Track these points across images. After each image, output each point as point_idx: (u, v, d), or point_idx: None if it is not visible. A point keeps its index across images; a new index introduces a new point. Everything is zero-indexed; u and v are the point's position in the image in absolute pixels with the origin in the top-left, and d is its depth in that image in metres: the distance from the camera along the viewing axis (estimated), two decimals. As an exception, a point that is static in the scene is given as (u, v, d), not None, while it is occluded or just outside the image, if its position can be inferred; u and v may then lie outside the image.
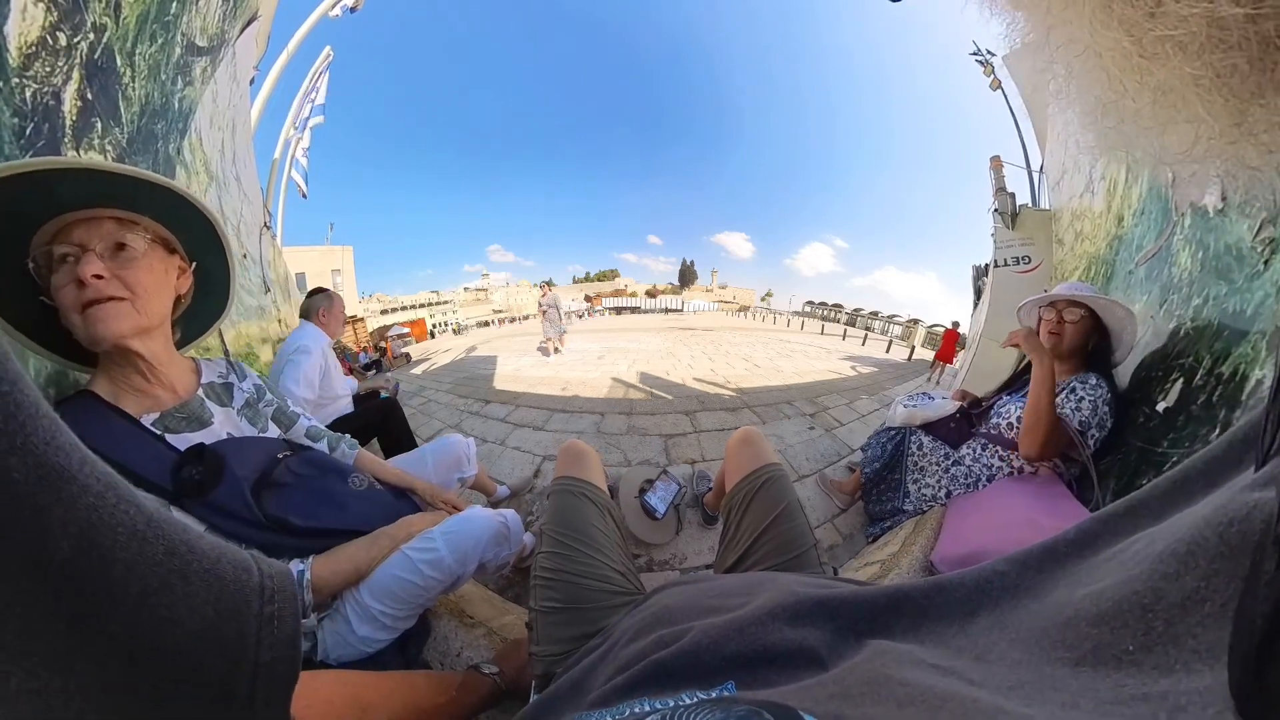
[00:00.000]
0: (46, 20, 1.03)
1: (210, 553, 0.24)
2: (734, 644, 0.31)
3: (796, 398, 3.62)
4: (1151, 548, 0.22)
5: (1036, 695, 0.20)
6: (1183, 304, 1.22)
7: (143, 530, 0.20)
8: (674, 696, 0.28)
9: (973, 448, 1.43)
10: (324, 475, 0.90)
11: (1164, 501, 0.25)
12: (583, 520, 0.75)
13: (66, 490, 0.18)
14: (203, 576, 0.22)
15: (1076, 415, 1.16)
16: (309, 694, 0.56)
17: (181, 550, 0.22)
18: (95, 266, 0.62)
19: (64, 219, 0.63)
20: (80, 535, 0.18)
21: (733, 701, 0.24)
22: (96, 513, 0.19)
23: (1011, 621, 0.26)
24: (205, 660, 0.22)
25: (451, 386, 4.47)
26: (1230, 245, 1.03)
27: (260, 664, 0.24)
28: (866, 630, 0.30)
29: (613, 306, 29.76)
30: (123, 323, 0.66)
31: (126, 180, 0.67)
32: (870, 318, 12.80)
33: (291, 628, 0.25)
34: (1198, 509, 0.22)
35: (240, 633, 0.23)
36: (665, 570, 1.49)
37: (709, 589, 0.44)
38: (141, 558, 0.20)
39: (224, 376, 0.89)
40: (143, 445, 0.68)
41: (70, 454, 0.18)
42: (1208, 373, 1.01)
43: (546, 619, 0.64)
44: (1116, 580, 0.22)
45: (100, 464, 0.20)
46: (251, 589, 0.25)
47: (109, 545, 0.19)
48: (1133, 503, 0.27)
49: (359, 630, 0.78)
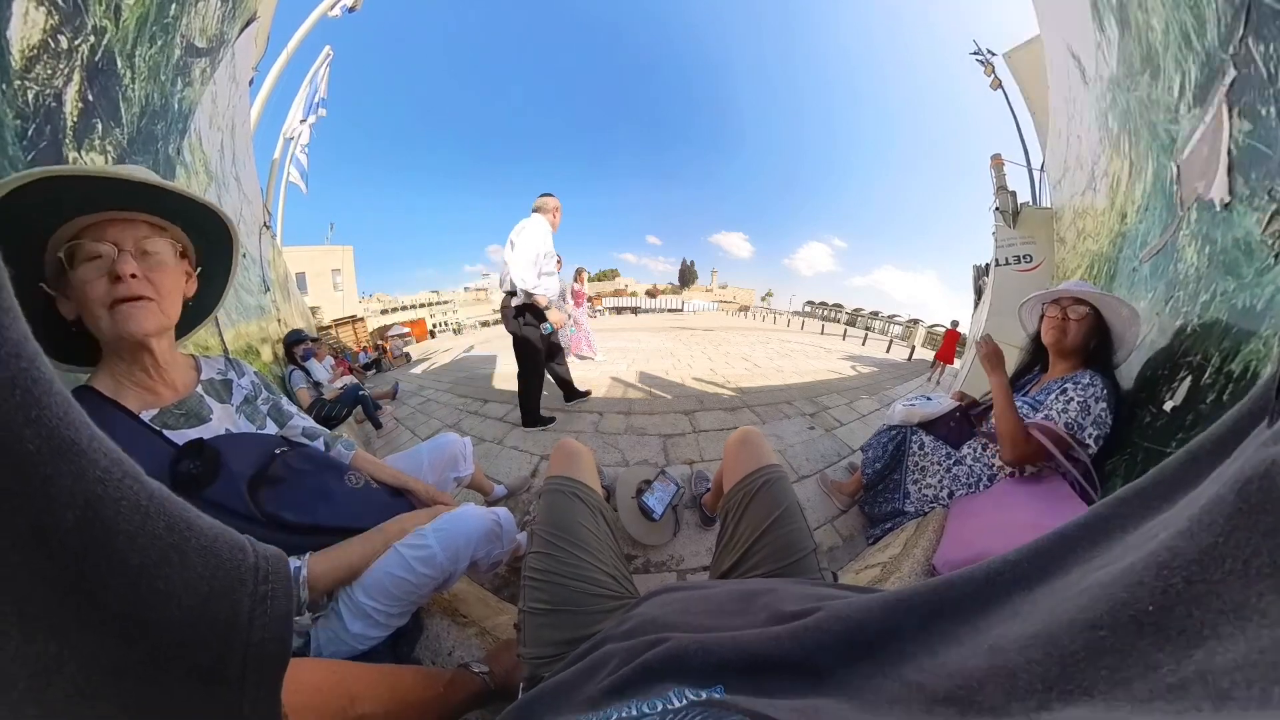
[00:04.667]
0: (48, 23, 1.04)
1: (208, 531, 0.24)
2: (726, 649, 0.30)
3: (796, 398, 3.59)
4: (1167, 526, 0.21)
5: (1059, 703, 0.19)
6: (1189, 301, 1.20)
7: (145, 505, 0.21)
8: (662, 698, 0.27)
9: (974, 447, 1.42)
10: (320, 472, 0.90)
11: (1174, 481, 0.24)
12: (573, 521, 0.74)
13: (75, 463, 0.18)
14: (200, 553, 0.23)
15: (1064, 416, 1.16)
16: (296, 680, 0.56)
17: (181, 526, 0.22)
18: (132, 266, 0.66)
19: (100, 216, 0.66)
20: (86, 506, 0.19)
21: (723, 707, 0.23)
22: (103, 485, 0.19)
23: (1024, 610, 0.24)
24: (198, 636, 0.22)
25: (451, 386, 4.46)
26: (1239, 239, 1.01)
27: (252, 643, 0.24)
28: (874, 638, 0.28)
29: (613, 306, 29.77)
30: (150, 322, 0.69)
31: (170, 192, 0.71)
32: (870, 318, 12.78)
33: (284, 608, 0.26)
34: (1207, 485, 0.21)
35: (234, 610, 0.24)
36: (662, 571, 1.47)
37: (701, 598, 0.42)
38: (143, 531, 0.21)
39: (223, 373, 0.90)
40: (141, 440, 0.69)
41: (80, 430, 0.19)
42: (1217, 371, 0.99)
43: (534, 620, 0.62)
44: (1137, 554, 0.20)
45: (108, 441, 0.20)
46: (246, 568, 0.25)
47: (112, 517, 0.19)
48: (1142, 485, 0.25)
49: (352, 627, 0.78)
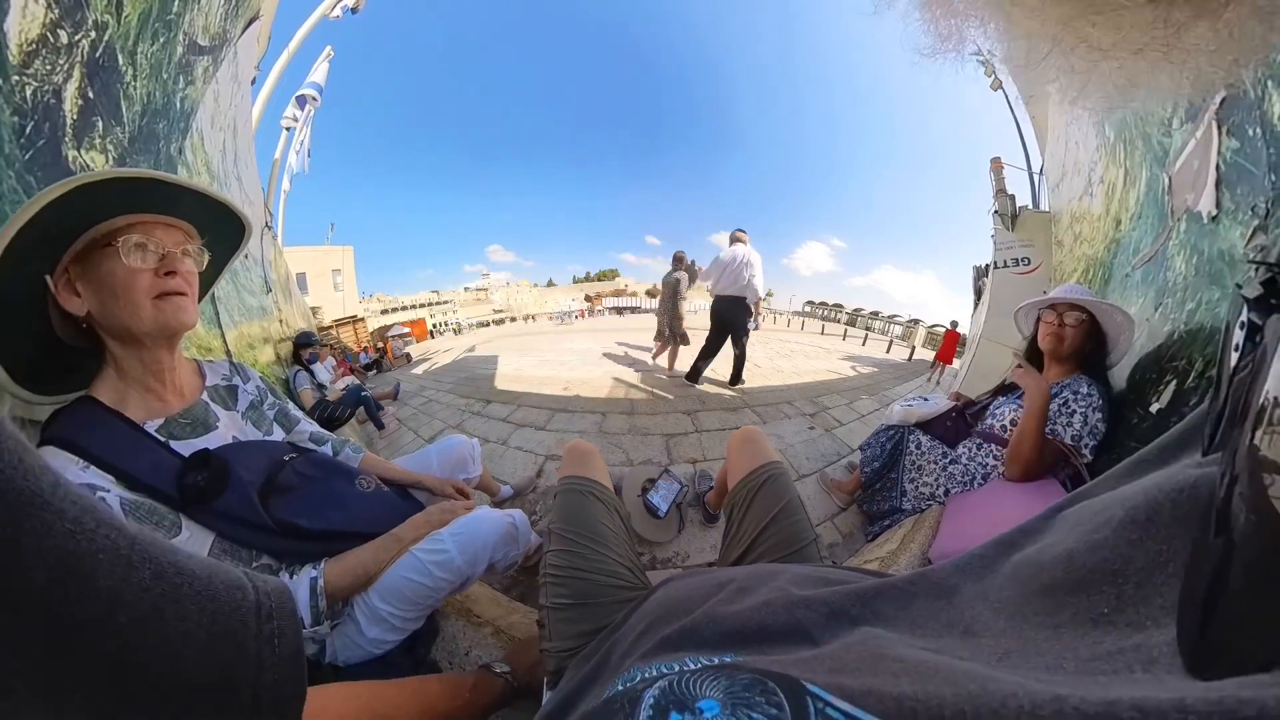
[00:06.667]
0: (47, 17, 1.01)
1: (201, 573, 0.23)
2: (733, 621, 0.33)
3: (797, 397, 3.63)
4: (1109, 512, 0.24)
5: (1023, 662, 0.22)
6: (1177, 308, 1.23)
7: (126, 554, 0.19)
8: (677, 660, 0.29)
9: (969, 447, 1.45)
10: (331, 477, 0.90)
11: (1121, 480, 0.28)
12: (590, 518, 0.77)
13: (39, 518, 0.17)
14: (194, 599, 0.22)
15: (1068, 430, 1.18)
16: (321, 711, 0.55)
17: (170, 573, 0.21)
18: (185, 263, 0.71)
19: (145, 216, 0.69)
20: (58, 564, 0.17)
21: (735, 669, 0.24)
22: (74, 539, 0.18)
23: (993, 591, 0.27)
24: (203, 685, 0.21)
25: (452, 386, 4.48)
26: (1223, 251, 1.05)
27: (262, 685, 0.23)
28: (859, 613, 0.31)
29: (613, 306, 29.73)
30: (191, 316, 0.73)
31: (210, 201, 0.77)
32: (870, 318, 12.79)
33: (293, 645, 0.25)
34: (1149, 478, 0.25)
35: (239, 655, 0.23)
36: (668, 568, 1.50)
37: (714, 577, 0.45)
38: (127, 583, 0.19)
39: (228, 379, 0.89)
40: (146, 451, 0.67)
41: (40, 478, 0.17)
42: (1199, 376, 1.03)
43: (557, 615, 0.65)
44: (1083, 545, 0.24)
45: (74, 487, 0.19)
46: (248, 608, 0.24)
47: (90, 572, 0.18)
48: (1095, 484, 0.29)
49: (368, 632, 0.79)
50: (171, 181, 0.69)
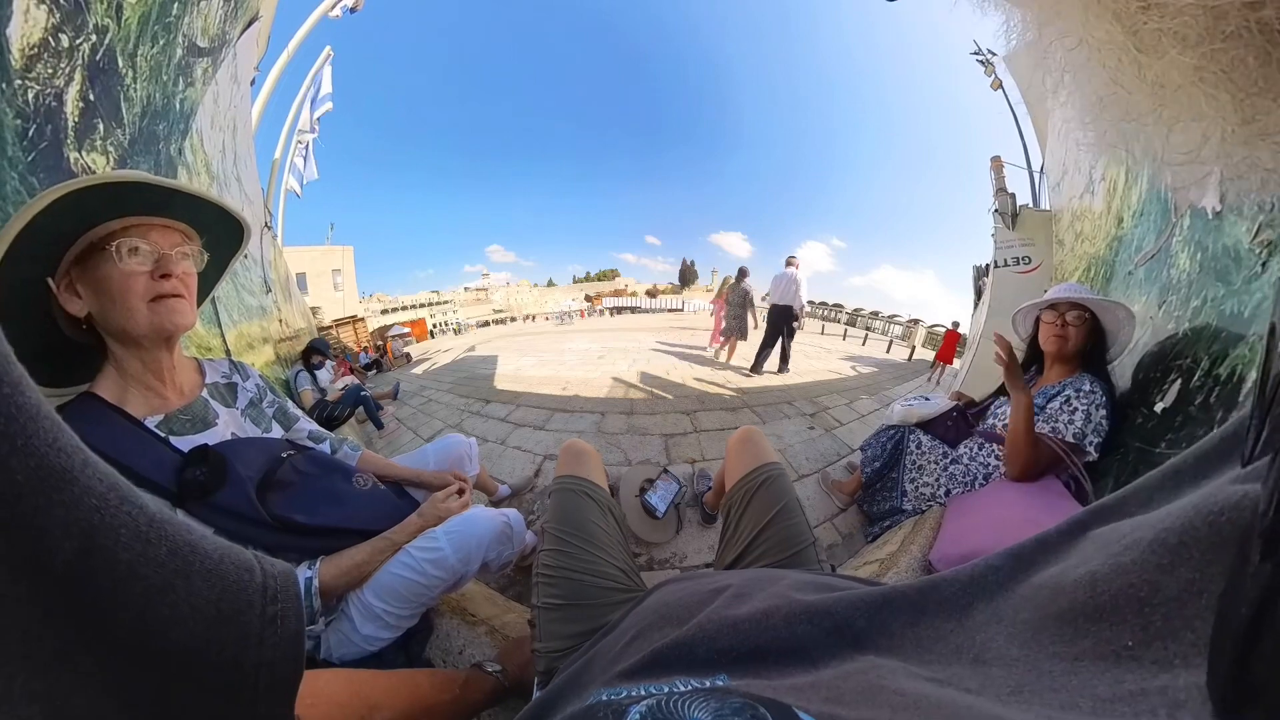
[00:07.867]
0: (49, 22, 1.03)
1: (213, 553, 0.24)
2: (727, 639, 0.31)
3: (796, 398, 3.62)
4: (1138, 534, 0.22)
5: (1035, 698, 0.20)
6: (1181, 305, 1.22)
7: (145, 531, 0.20)
8: (667, 682, 0.28)
9: (970, 446, 1.44)
10: (328, 475, 0.90)
11: (1154, 494, 0.25)
12: (584, 518, 0.76)
13: (69, 492, 0.18)
14: (205, 576, 0.22)
15: (1070, 428, 1.17)
16: (314, 693, 0.57)
17: (184, 550, 0.22)
18: (181, 266, 0.71)
19: (140, 219, 0.68)
20: (83, 536, 0.18)
21: (727, 692, 0.24)
22: (99, 514, 0.19)
23: (1007, 614, 0.26)
24: (208, 660, 0.22)
25: (452, 386, 4.48)
26: (1228, 247, 1.03)
27: (263, 664, 0.24)
28: (864, 627, 0.30)
29: (613, 306, 29.74)
30: (188, 318, 0.73)
31: (208, 205, 0.77)
32: (870, 318, 12.75)
33: (294, 627, 0.25)
34: (1185, 499, 0.22)
35: (243, 633, 0.23)
36: (665, 569, 1.49)
37: (710, 583, 0.44)
38: (145, 558, 0.20)
39: (227, 376, 0.90)
40: (146, 447, 0.68)
41: (73, 456, 0.18)
42: (1205, 374, 1.01)
43: (548, 616, 0.64)
44: (1108, 568, 0.22)
45: (103, 465, 0.20)
46: (254, 589, 0.25)
47: (112, 546, 0.19)
48: (1124, 496, 0.27)
49: (363, 629, 0.79)
50: (160, 185, 0.68)
